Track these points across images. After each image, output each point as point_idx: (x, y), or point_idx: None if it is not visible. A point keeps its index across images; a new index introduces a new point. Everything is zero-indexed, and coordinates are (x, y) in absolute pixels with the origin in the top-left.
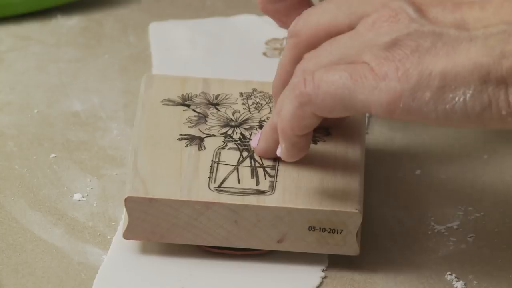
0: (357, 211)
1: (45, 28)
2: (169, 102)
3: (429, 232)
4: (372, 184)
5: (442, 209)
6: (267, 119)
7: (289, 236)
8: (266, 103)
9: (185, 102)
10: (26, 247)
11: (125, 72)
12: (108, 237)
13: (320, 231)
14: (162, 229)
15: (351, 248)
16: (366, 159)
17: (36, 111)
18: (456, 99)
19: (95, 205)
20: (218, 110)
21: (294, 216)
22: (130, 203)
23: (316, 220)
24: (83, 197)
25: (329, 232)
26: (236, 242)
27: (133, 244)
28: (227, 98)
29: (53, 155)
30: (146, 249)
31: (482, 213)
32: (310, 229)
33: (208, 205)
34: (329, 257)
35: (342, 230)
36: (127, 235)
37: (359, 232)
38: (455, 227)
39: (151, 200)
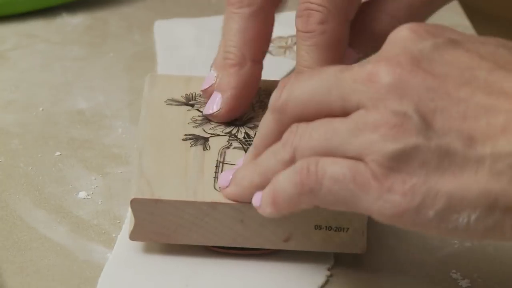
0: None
1: (50, 26)
2: (173, 102)
3: None
4: None
5: None
6: None
7: (295, 235)
8: None
9: (189, 101)
10: (31, 245)
11: (130, 70)
12: (113, 235)
13: (326, 229)
14: (168, 230)
15: (358, 246)
16: None
17: (41, 109)
18: (460, 220)
19: (99, 203)
20: None
21: (300, 215)
22: (136, 204)
23: (322, 219)
24: (88, 195)
25: (335, 231)
26: (243, 242)
27: (138, 242)
28: None
29: (57, 153)
30: (151, 247)
31: None
32: (316, 227)
33: (213, 205)
34: (334, 256)
35: (348, 228)
36: (133, 236)
37: (365, 230)
38: None
39: (156, 201)
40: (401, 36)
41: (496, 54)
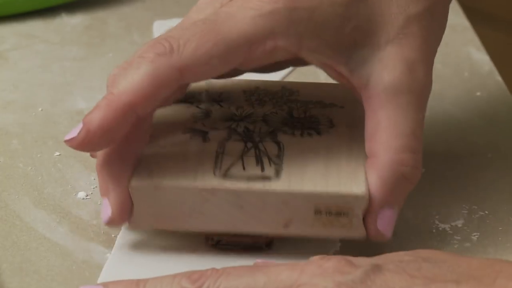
0: (363, 193)
1: (49, 26)
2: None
3: (434, 231)
4: None
5: (447, 208)
6: (270, 113)
7: (295, 221)
8: (270, 100)
9: (188, 99)
10: (30, 245)
11: None
12: (112, 235)
13: (326, 214)
14: (167, 216)
15: (358, 231)
16: None
17: (40, 109)
18: None
19: (99, 203)
20: (222, 106)
21: (299, 201)
22: (135, 191)
23: (322, 204)
24: (87, 195)
25: (335, 216)
26: (242, 227)
27: (137, 242)
28: (230, 96)
29: (57, 153)
30: (151, 248)
31: (486, 212)
32: (316, 213)
33: (213, 191)
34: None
35: (348, 213)
36: (133, 223)
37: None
38: (459, 225)
39: (156, 187)
40: (327, 268)
41: (422, 269)
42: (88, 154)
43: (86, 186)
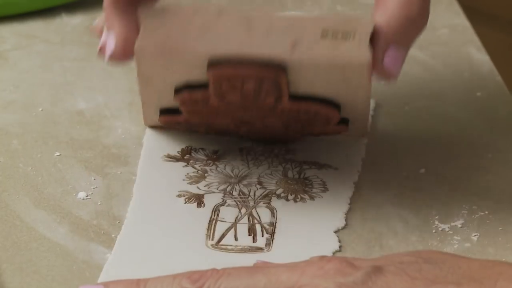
0: (368, 17)
1: (50, 26)
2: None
3: (434, 231)
4: (376, 183)
5: (447, 208)
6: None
7: (302, 42)
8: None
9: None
10: (30, 246)
11: (130, 70)
12: (113, 235)
13: (332, 37)
14: (175, 38)
15: (363, 54)
16: (371, 159)
17: (40, 109)
18: None
19: (99, 203)
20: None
21: (307, 22)
22: (145, 13)
23: (329, 25)
24: (87, 196)
25: (342, 38)
26: (249, 49)
27: (137, 242)
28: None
29: (57, 153)
30: (151, 248)
31: (486, 212)
32: (323, 35)
33: (220, 9)
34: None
35: (355, 36)
36: (140, 45)
37: (368, 39)
38: (459, 226)
39: (166, 8)
40: (328, 270)
41: (423, 270)
42: (88, 154)
43: (86, 186)
